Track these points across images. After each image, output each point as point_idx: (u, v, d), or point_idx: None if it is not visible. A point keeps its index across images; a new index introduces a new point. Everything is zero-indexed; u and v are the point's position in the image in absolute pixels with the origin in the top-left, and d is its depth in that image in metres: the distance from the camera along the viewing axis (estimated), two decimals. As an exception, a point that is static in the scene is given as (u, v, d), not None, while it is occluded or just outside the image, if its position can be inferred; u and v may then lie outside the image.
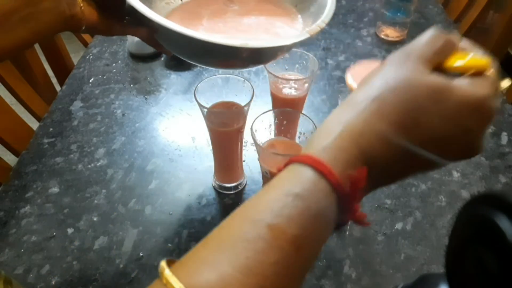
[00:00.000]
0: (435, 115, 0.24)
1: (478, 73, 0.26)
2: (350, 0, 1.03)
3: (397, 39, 0.89)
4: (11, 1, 0.32)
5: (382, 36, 0.89)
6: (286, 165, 0.24)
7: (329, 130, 0.24)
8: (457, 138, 0.25)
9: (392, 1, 0.84)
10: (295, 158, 0.24)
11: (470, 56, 0.27)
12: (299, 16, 0.47)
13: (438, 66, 0.26)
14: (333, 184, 0.22)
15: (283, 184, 0.23)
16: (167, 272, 0.20)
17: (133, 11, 0.37)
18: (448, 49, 0.27)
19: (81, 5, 0.37)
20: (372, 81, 0.26)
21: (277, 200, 0.22)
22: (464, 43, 0.28)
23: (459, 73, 0.26)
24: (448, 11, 1.02)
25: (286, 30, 0.44)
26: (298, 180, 0.22)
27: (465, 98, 0.24)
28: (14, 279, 0.37)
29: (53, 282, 0.48)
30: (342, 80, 0.79)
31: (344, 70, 0.81)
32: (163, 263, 0.21)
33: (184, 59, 0.43)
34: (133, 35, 0.42)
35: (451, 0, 1.07)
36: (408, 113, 0.24)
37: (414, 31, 0.91)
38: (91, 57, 0.85)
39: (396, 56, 0.27)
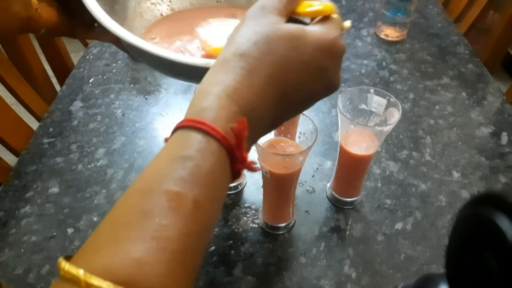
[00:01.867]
0: (297, 61, 0.27)
1: (325, 18, 0.30)
2: (350, 0, 1.03)
3: (397, 39, 0.89)
4: None
5: (382, 36, 0.89)
6: (172, 133, 0.25)
7: (206, 92, 0.25)
8: (318, 77, 0.28)
9: (392, 1, 0.84)
10: (178, 125, 0.24)
11: (317, 3, 0.31)
12: None
13: (292, 15, 0.30)
14: (218, 139, 0.23)
15: (170, 150, 0.23)
16: (64, 265, 0.19)
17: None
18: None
19: (37, 7, 0.36)
20: (236, 39, 0.27)
21: (166, 166, 0.22)
22: None
23: (310, 18, 0.31)
24: (448, 11, 1.02)
25: None
26: (184, 143, 0.23)
27: (318, 41, 0.27)
28: (5, 280, 0.37)
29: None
30: (342, 80, 0.78)
31: (344, 70, 0.81)
32: (60, 259, 0.19)
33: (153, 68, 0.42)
34: (98, 40, 0.41)
35: (451, 0, 1.07)
36: (274, 64, 0.26)
37: (414, 31, 0.91)
38: (91, 57, 0.85)
39: (252, 12, 0.29)
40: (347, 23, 0.32)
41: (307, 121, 0.46)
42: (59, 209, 0.57)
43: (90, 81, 0.79)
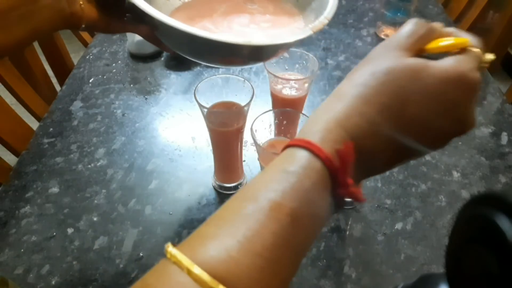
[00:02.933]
0: (417, 93, 0.25)
1: (460, 51, 0.27)
2: (350, 0, 1.03)
3: (397, 39, 0.88)
4: None
5: (382, 36, 0.89)
6: (282, 149, 0.26)
7: (317, 118, 0.25)
8: (445, 113, 0.26)
9: (392, 1, 0.84)
10: (289, 143, 0.25)
11: (450, 38, 0.28)
12: (301, 16, 0.47)
13: (421, 52, 0.28)
14: (322, 160, 0.23)
15: (278, 165, 0.24)
16: (171, 249, 0.21)
17: (134, 8, 0.36)
18: (428, 35, 0.28)
19: (81, 2, 0.37)
20: (355, 74, 0.27)
21: (272, 178, 0.23)
22: (450, 29, 0.29)
23: (443, 54, 0.27)
24: (448, 11, 1.02)
25: (288, 29, 0.44)
26: (291, 160, 0.24)
27: (444, 72, 0.25)
28: (11, 280, 0.37)
29: (53, 282, 0.48)
30: (342, 80, 0.78)
31: (344, 70, 0.81)
32: (167, 244, 0.21)
33: (184, 56, 0.43)
34: (133, 32, 0.42)
35: (451, 0, 1.07)
36: (391, 94, 0.25)
37: (414, 31, 0.91)
38: (91, 57, 0.85)
39: (376, 49, 0.28)
40: (489, 56, 0.28)
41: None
42: (59, 209, 0.57)
43: (90, 81, 0.79)
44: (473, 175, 0.61)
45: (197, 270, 0.19)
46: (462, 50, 0.27)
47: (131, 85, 0.78)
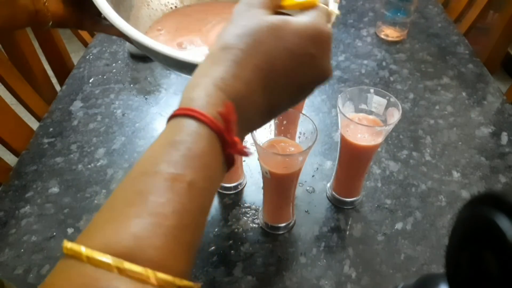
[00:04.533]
0: (282, 49, 0.27)
1: (311, 8, 0.30)
2: (350, 0, 1.03)
3: (397, 39, 0.89)
4: None
5: (382, 36, 0.89)
6: (167, 122, 0.26)
7: (195, 84, 0.26)
8: (306, 65, 0.28)
9: (392, 1, 0.84)
10: (170, 115, 0.26)
11: None
12: None
13: (278, 9, 0.31)
14: (208, 124, 0.24)
15: (164, 137, 0.24)
16: (67, 244, 0.21)
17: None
18: None
19: (45, 1, 0.36)
20: (223, 35, 0.28)
21: (160, 151, 0.23)
22: None
23: (296, 11, 0.31)
24: (448, 11, 1.02)
25: None
26: (176, 130, 0.24)
27: (302, 28, 0.28)
28: (9, 280, 0.37)
29: (53, 282, 0.48)
30: (342, 80, 0.79)
31: (344, 70, 0.81)
32: (64, 241, 0.21)
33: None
34: (105, 33, 0.42)
35: (451, 0, 1.07)
36: (259, 54, 0.27)
37: (414, 31, 0.91)
38: (91, 57, 0.85)
39: (238, 8, 0.29)
40: (334, 9, 0.32)
41: (307, 121, 0.46)
42: (59, 209, 0.57)
43: (90, 81, 0.79)
44: (473, 175, 0.61)
45: (97, 255, 0.19)
46: (313, 6, 0.30)
47: (131, 85, 0.78)
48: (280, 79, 0.27)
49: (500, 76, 1.74)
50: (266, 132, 0.50)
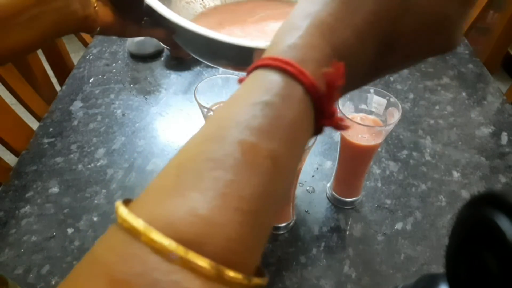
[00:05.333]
0: (412, 2, 0.21)
1: None
2: (350, 0, 1.03)
3: (397, 39, 0.88)
4: (20, 0, 0.31)
5: (382, 36, 0.89)
6: (249, 72, 0.20)
7: (294, 26, 0.20)
8: (434, 27, 0.22)
9: (392, 1, 0.84)
10: (258, 62, 0.20)
11: None
12: None
13: None
14: (306, 86, 0.19)
15: (248, 94, 0.19)
16: (122, 211, 0.16)
17: (152, 12, 0.36)
18: None
19: (95, 5, 0.36)
20: None
21: (243, 112, 0.18)
22: None
23: None
24: (448, 11, 1.02)
25: None
26: (266, 86, 0.19)
27: None
28: (11, 279, 0.37)
29: (53, 282, 0.48)
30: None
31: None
32: (118, 202, 0.17)
33: (202, 60, 0.42)
34: (150, 36, 0.41)
35: (451, 0, 1.07)
36: (379, 3, 0.21)
37: (414, 31, 0.91)
38: (91, 57, 0.85)
39: None
40: None
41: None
42: (59, 209, 0.57)
43: (90, 81, 0.79)
44: (473, 175, 0.61)
45: (158, 236, 0.15)
46: None
47: (131, 85, 0.78)
48: (399, 36, 0.22)
49: (500, 76, 1.74)
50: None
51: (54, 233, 0.54)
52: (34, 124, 0.73)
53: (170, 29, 0.39)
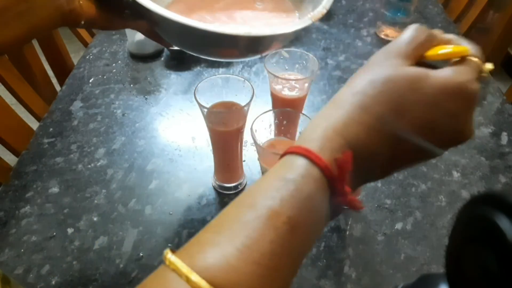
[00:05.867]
0: (417, 102, 0.25)
1: (460, 61, 0.27)
2: (350, 0, 1.03)
3: (397, 39, 0.88)
4: None
5: (382, 36, 0.89)
6: (280, 158, 0.26)
7: (315, 125, 0.26)
8: (443, 123, 0.26)
9: (392, 1, 0.84)
10: (287, 151, 0.25)
11: (450, 46, 0.28)
12: (297, 14, 0.47)
13: (421, 59, 0.28)
14: (321, 168, 0.23)
15: (276, 172, 0.24)
16: (170, 256, 0.21)
17: (133, 4, 0.36)
18: (428, 42, 0.28)
19: (80, 0, 0.37)
20: (354, 81, 0.27)
21: (270, 185, 0.23)
22: (449, 35, 0.29)
23: (442, 62, 0.28)
24: (448, 11, 1.02)
25: (284, 21, 0.45)
26: (289, 167, 0.24)
27: (444, 83, 0.25)
28: (13, 279, 0.37)
29: (53, 282, 0.48)
30: (342, 80, 0.79)
31: (344, 70, 0.81)
32: (166, 250, 0.22)
33: (184, 50, 0.43)
34: (132, 28, 0.42)
35: (451, 0, 1.07)
36: (389, 103, 0.25)
37: (414, 31, 0.91)
38: (91, 57, 0.85)
39: (376, 56, 0.28)
40: (489, 65, 0.28)
41: (307, 121, 0.46)
42: (59, 209, 0.57)
43: (90, 81, 0.79)
44: (473, 175, 0.61)
45: (195, 277, 0.20)
46: (461, 58, 0.27)
47: (131, 85, 0.78)
48: (409, 132, 0.25)
49: (500, 76, 1.74)
50: (266, 132, 0.50)
51: (54, 233, 0.54)
52: (34, 124, 0.73)
53: (151, 21, 0.39)
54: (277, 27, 0.38)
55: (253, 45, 0.40)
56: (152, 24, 0.40)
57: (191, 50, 0.42)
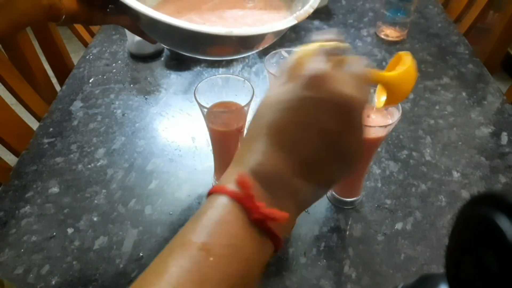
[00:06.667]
0: (289, 121, 0.26)
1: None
2: (350, 0, 1.03)
3: (397, 39, 0.89)
4: None
5: (382, 36, 0.89)
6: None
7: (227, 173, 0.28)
8: (324, 143, 0.26)
9: (392, 1, 0.84)
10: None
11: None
12: (288, 12, 0.47)
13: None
14: (227, 194, 0.25)
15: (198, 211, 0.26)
16: None
17: (117, 1, 0.37)
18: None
19: None
20: (254, 117, 0.29)
21: (187, 224, 0.26)
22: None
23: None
24: (448, 11, 1.02)
25: (274, 18, 0.45)
26: (202, 207, 0.26)
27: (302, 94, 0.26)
28: (8, 280, 0.37)
29: (53, 282, 0.48)
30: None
31: (344, 70, 0.81)
32: None
33: (168, 47, 0.43)
34: (115, 24, 0.43)
35: (451, 0, 1.07)
36: (269, 125, 0.27)
37: (414, 31, 0.91)
38: (91, 57, 0.85)
39: (279, 77, 0.29)
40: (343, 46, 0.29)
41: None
42: (59, 209, 0.57)
43: (90, 81, 0.79)
44: (473, 175, 0.61)
45: None
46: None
47: (131, 85, 0.78)
48: (307, 157, 0.26)
49: (500, 76, 1.74)
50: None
51: (54, 233, 0.54)
52: (34, 124, 0.73)
53: (134, 17, 0.39)
54: (260, 27, 0.38)
55: (240, 44, 0.40)
56: (135, 20, 0.40)
57: (174, 48, 0.43)
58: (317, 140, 0.26)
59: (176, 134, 0.68)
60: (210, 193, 0.26)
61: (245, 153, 0.27)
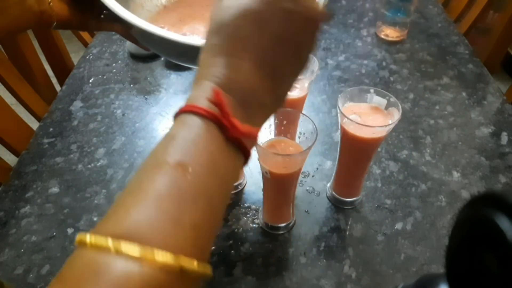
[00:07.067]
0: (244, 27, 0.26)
1: None
2: (350, 0, 1.03)
3: (397, 39, 0.89)
4: None
5: (382, 36, 0.89)
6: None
7: (193, 87, 0.27)
8: (291, 56, 0.27)
9: (392, 1, 0.84)
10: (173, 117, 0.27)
11: None
12: None
13: None
14: (200, 113, 0.24)
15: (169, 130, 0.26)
16: (77, 237, 0.21)
17: (108, 8, 0.37)
18: None
19: (50, 1, 0.37)
20: (212, 21, 0.28)
21: (158, 146, 0.24)
22: None
23: None
24: (448, 11, 1.02)
25: None
26: (173, 127, 0.25)
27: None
28: (8, 280, 0.37)
29: (53, 282, 0.48)
30: (342, 80, 0.79)
31: (344, 70, 0.81)
32: (79, 235, 0.21)
33: (160, 55, 0.44)
34: (108, 30, 0.43)
35: (451, 0, 1.07)
36: (226, 36, 0.26)
37: (414, 31, 0.91)
38: (91, 57, 0.85)
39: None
40: None
41: (307, 121, 0.46)
42: (59, 209, 0.57)
43: (90, 81, 0.79)
44: (473, 175, 0.61)
45: (98, 239, 0.20)
46: None
47: (131, 85, 0.78)
48: (258, 58, 0.27)
49: (500, 76, 1.74)
50: (266, 132, 0.50)
51: (54, 233, 0.54)
52: (34, 124, 0.73)
53: (126, 26, 0.40)
54: None
55: None
56: (128, 28, 0.41)
57: (166, 57, 0.43)
58: (290, 54, 0.27)
59: (176, 134, 0.68)
60: (180, 112, 0.25)
61: (212, 69, 0.26)
